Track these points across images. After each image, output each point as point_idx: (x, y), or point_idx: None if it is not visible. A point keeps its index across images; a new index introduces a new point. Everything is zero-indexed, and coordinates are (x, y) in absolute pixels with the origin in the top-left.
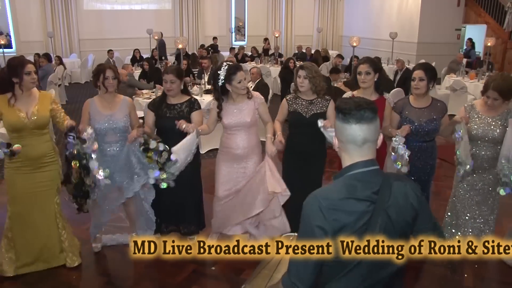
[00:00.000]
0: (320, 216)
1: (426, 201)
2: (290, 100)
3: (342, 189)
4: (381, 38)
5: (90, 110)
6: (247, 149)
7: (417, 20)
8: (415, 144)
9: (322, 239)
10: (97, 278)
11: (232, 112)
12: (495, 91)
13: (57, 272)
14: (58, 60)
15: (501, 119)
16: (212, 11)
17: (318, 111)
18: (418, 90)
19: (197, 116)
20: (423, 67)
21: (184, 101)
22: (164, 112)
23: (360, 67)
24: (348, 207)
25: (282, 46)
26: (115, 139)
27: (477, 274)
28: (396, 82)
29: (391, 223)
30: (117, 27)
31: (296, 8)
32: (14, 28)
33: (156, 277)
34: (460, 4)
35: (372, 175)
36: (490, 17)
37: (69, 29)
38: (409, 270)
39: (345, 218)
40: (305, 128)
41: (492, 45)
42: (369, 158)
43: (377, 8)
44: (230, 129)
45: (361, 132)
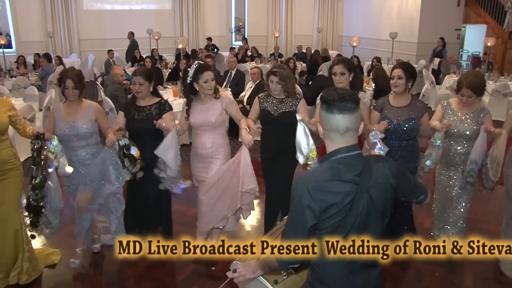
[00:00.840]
0: (309, 197)
1: (402, 172)
2: (262, 99)
3: (327, 172)
4: (381, 38)
5: (55, 116)
6: (212, 149)
7: (417, 20)
8: (394, 142)
9: (311, 218)
10: (97, 278)
11: (199, 112)
12: (468, 88)
13: (57, 272)
14: (58, 60)
15: (474, 116)
16: (212, 11)
17: (287, 109)
18: (397, 88)
19: (168, 117)
20: (402, 66)
21: (154, 103)
22: (133, 114)
23: (334, 68)
24: (333, 188)
25: (282, 46)
26: (80, 145)
27: (477, 274)
28: None
29: (372, 203)
30: (117, 27)
31: (296, 8)
32: (14, 28)
33: (156, 277)
34: (460, 4)
35: (354, 159)
36: (490, 17)
37: (69, 29)
38: (409, 270)
39: (331, 198)
40: (274, 126)
41: (492, 45)
42: (352, 144)
43: (377, 8)
44: (197, 128)
45: (344, 122)
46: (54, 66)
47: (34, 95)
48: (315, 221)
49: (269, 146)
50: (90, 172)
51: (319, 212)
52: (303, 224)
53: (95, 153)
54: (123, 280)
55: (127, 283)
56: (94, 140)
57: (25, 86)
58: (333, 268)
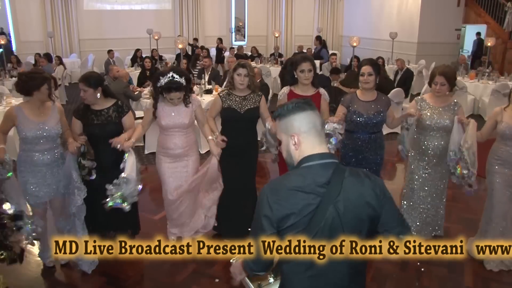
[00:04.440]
0: (266, 206)
1: (389, 198)
2: (224, 97)
3: (292, 180)
4: (381, 38)
5: (18, 118)
6: (186, 148)
7: (417, 20)
8: (364, 136)
9: (268, 227)
10: (97, 278)
11: (170, 114)
12: (441, 75)
13: (56, 272)
14: (58, 60)
15: (449, 110)
16: (212, 11)
17: (252, 106)
18: (368, 84)
19: (128, 119)
20: (371, 63)
21: (111, 106)
22: (91, 119)
23: (302, 65)
24: (293, 198)
25: (282, 46)
26: (47, 147)
27: (477, 274)
28: (396, 82)
29: (339, 218)
30: (117, 27)
31: (296, 8)
32: (14, 28)
33: (156, 277)
34: (460, 4)
35: (325, 168)
36: (490, 17)
37: (69, 29)
38: (409, 270)
39: (288, 207)
40: (239, 123)
41: (492, 45)
42: (326, 151)
43: (377, 8)
44: (167, 130)
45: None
46: (54, 66)
47: None
48: (273, 230)
49: (233, 142)
50: (63, 179)
51: (276, 221)
52: (262, 232)
53: (60, 155)
54: (123, 280)
55: (127, 283)
56: (58, 141)
57: None
58: (292, 272)
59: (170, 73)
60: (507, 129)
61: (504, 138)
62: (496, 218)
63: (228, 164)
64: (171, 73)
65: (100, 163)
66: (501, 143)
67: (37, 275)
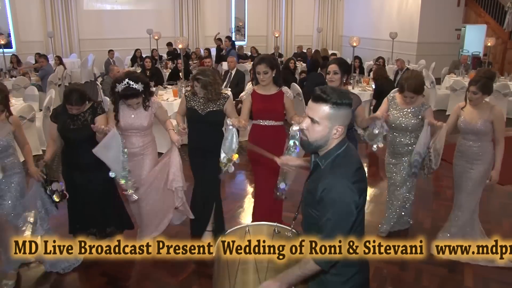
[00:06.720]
0: (352, 193)
1: (328, 203)
2: (188, 97)
3: (349, 164)
4: (381, 38)
5: None
6: (143, 146)
7: (417, 20)
8: None
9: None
10: (97, 278)
11: (130, 117)
12: (409, 91)
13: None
14: (58, 60)
15: (415, 111)
16: (212, 11)
17: (214, 108)
18: (333, 82)
19: (101, 120)
20: (337, 62)
21: (87, 109)
22: (68, 124)
23: (258, 67)
24: (362, 174)
25: (282, 46)
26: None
27: (477, 274)
28: (396, 82)
29: None
30: (117, 27)
31: (296, 8)
32: (14, 28)
33: (156, 277)
34: (460, 4)
35: (348, 152)
36: (490, 17)
37: (69, 29)
38: (409, 270)
39: (364, 184)
40: (200, 125)
41: (492, 45)
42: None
43: (377, 8)
44: (126, 131)
45: None
46: (54, 66)
47: (34, 95)
48: (356, 216)
49: (196, 144)
50: (18, 204)
51: (360, 202)
52: (352, 217)
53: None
54: (123, 280)
55: (127, 283)
56: (9, 153)
57: (25, 86)
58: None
59: (125, 80)
60: (462, 123)
61: (462, 132)
62: (456, 210)
63: (194, 165)
64: (126, 79)
65: (80, 163)
66: (460, 136)
67: (37, 276)
